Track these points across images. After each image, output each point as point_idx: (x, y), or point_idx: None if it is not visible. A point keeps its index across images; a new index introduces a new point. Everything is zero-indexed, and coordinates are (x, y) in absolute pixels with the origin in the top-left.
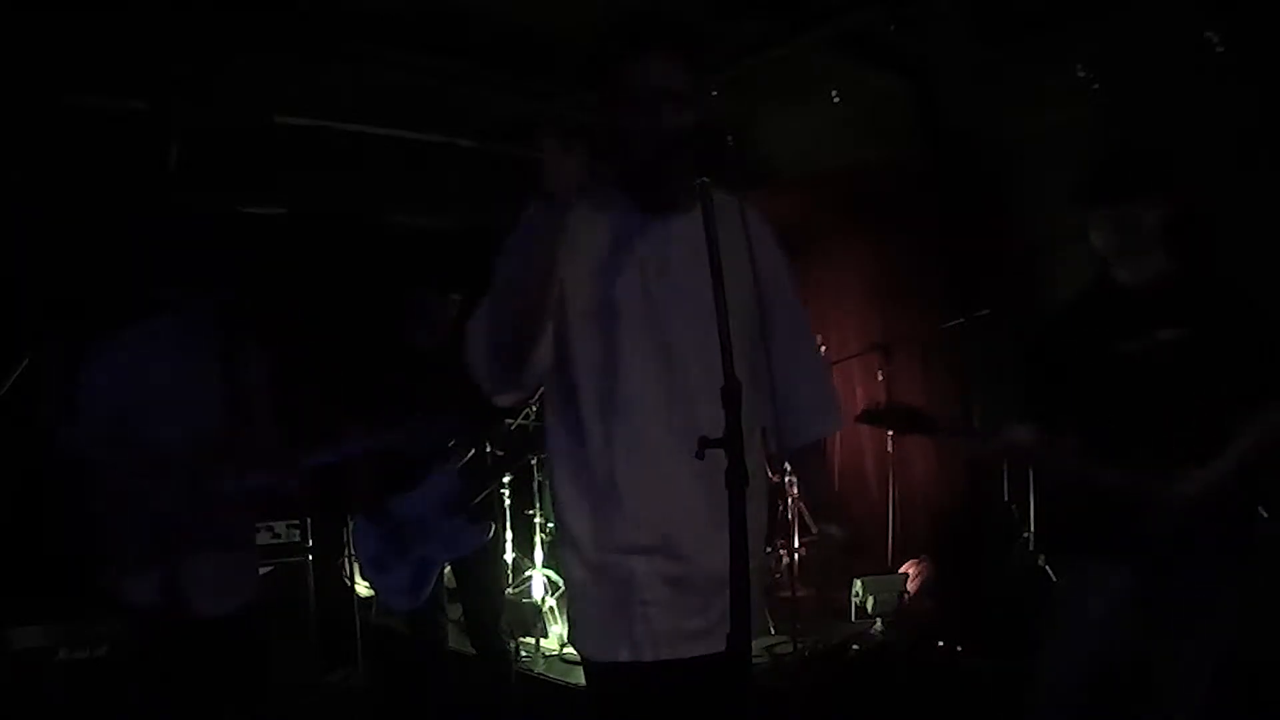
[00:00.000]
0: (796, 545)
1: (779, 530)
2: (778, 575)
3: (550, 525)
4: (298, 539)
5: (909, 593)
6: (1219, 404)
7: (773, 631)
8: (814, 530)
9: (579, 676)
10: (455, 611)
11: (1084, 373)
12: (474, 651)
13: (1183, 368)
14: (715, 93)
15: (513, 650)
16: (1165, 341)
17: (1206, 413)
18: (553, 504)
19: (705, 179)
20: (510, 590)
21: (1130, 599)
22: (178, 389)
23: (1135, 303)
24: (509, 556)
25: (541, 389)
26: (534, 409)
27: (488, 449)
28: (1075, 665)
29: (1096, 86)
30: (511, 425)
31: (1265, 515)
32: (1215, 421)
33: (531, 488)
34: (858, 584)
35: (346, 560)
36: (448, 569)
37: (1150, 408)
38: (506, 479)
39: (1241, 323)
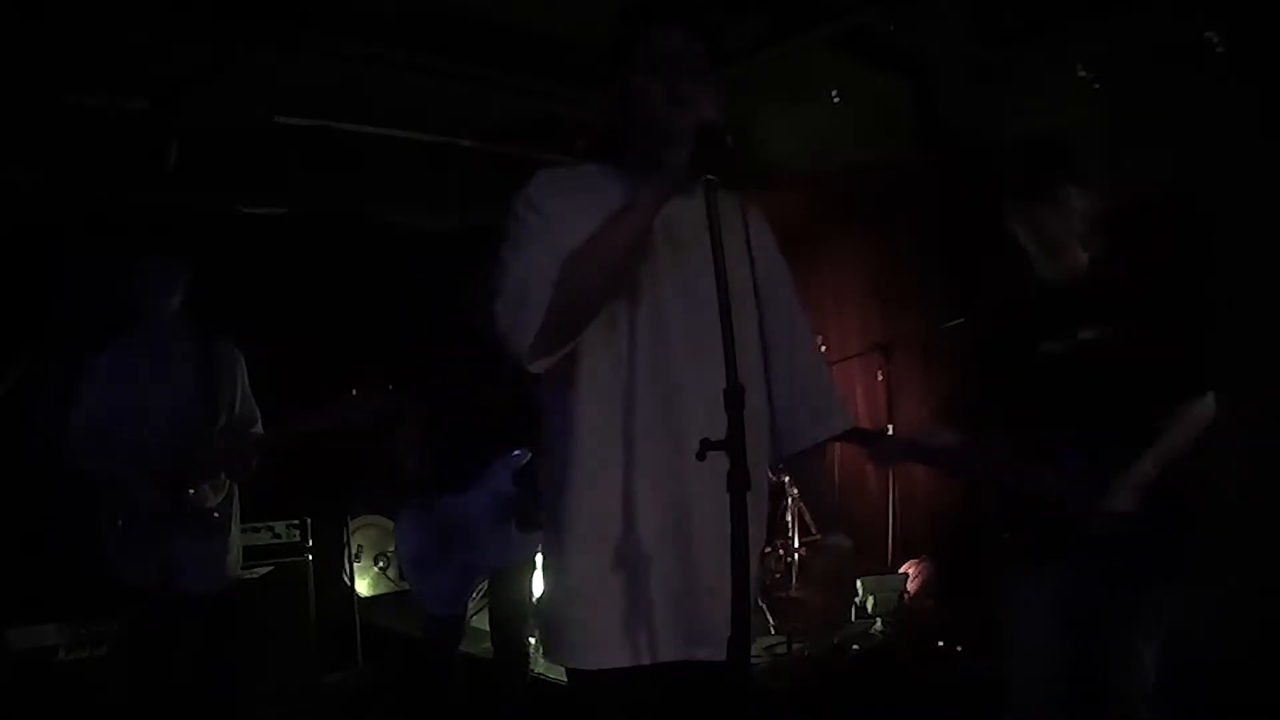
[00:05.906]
0: (796, 546)
1: (779, 530)
2: (778, 575)
3: None
4: (298, 539)
5: (909, 593)
6: (1141, 402)
7: (773, 631)
8: (820, 541)
9: None
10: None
11: (1008, 373)
12: (479, 653)
13: (1104, 367)
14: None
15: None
16: (1086, 340)
17: (1129, 411)
18: (548, 502)
19: (711, 178)
20: None
21: (1066, 601)
22: (152, 396)
23: (1058, 301)
24: None
25: None
26: None
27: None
28: (1034, 668)
29: (1097, 86)
30: None
31: None
32: (1137, 420)
33: None
34: (858, 584)
35: (346, 560)
36: None
37: (1072, 408)
38: None
39: (1161, 319)
